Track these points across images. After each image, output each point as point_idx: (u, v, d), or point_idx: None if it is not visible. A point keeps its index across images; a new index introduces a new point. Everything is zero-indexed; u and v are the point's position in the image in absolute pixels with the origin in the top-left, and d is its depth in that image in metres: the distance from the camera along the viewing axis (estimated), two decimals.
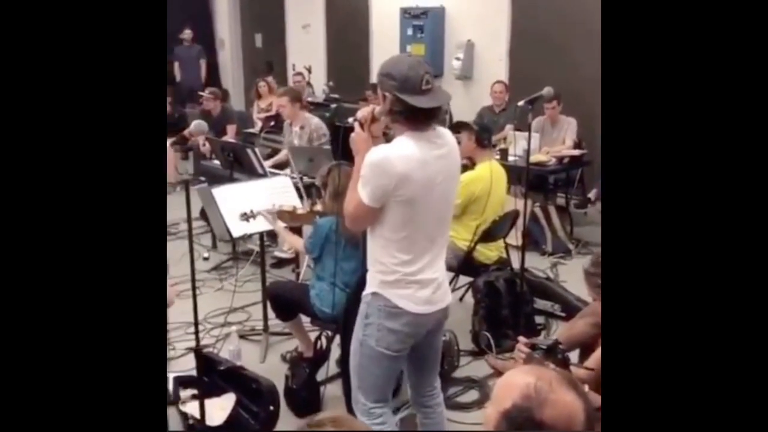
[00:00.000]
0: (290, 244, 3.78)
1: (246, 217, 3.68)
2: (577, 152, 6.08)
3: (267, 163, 5.58)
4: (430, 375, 2.75)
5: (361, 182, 2.32)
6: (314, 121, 5.63)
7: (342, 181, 3.22)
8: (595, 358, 2.41)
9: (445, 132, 2.48)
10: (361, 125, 2.42)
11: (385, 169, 2.27)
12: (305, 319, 3.70)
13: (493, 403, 1.38)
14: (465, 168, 4.00)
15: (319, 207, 3.63)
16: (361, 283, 2.92)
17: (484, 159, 4.35)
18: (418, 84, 2.28)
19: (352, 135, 2.45)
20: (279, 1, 10.64)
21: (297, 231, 4.28)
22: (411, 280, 2.41)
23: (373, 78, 8.92)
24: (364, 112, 2.43)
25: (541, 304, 4.45)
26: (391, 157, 2.28)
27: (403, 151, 2.30)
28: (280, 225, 3.74)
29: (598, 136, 5.93)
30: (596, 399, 1.78)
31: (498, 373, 3.72)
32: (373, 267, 2.48)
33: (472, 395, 3.66)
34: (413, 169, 2.29)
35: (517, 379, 1.36)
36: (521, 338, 2.14)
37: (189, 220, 2.51)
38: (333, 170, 3.39)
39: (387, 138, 2.50)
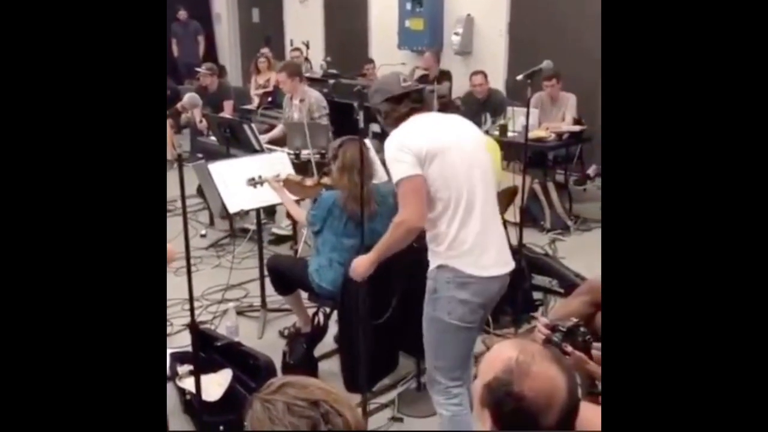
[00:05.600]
0: (295, 214, 3.71)
1: (254, 182, 3.66)
2: (576, 128, 6.03)
3: (263, 138, 5.53)
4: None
5: (393, 166, 2.41)
6: (314, 94, 5.58)
7: (351, 155, 3.17)
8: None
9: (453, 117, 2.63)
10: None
11: (409, 135, 2.42)
12: (303, 295, 3.70)
13: (479, 376, 1.41)
14: None
15: (326, 180, 3.57)
16: None
17: None
18: (396, 83, 2.52)
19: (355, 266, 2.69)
20: None
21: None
22: (473, 244, 2.42)
23: (372, 53, 8.93)
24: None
25: (539, 279, 4.43)
26: (407, 127, 2.46)
27: (414, 121, 2.48)
28: (287, 194, 3.68)
29: (597, 113, 5.89)
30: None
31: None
32: (432, 243, 2.49)
33: None
34: (429, 127, 2.45)
35: (501, 353, 1.39)
36: (542, 319, 2.11)
37: (183, 196, 2.48)
38: (345, 144, 3.29)
39: None
